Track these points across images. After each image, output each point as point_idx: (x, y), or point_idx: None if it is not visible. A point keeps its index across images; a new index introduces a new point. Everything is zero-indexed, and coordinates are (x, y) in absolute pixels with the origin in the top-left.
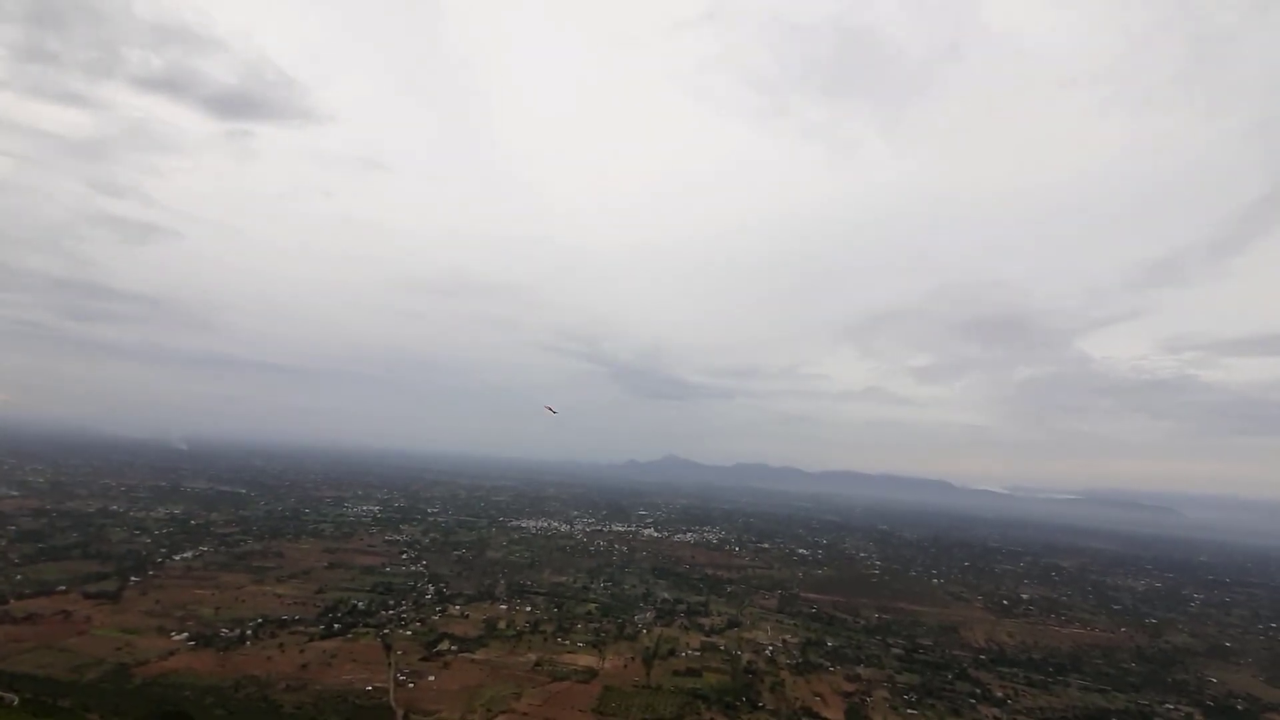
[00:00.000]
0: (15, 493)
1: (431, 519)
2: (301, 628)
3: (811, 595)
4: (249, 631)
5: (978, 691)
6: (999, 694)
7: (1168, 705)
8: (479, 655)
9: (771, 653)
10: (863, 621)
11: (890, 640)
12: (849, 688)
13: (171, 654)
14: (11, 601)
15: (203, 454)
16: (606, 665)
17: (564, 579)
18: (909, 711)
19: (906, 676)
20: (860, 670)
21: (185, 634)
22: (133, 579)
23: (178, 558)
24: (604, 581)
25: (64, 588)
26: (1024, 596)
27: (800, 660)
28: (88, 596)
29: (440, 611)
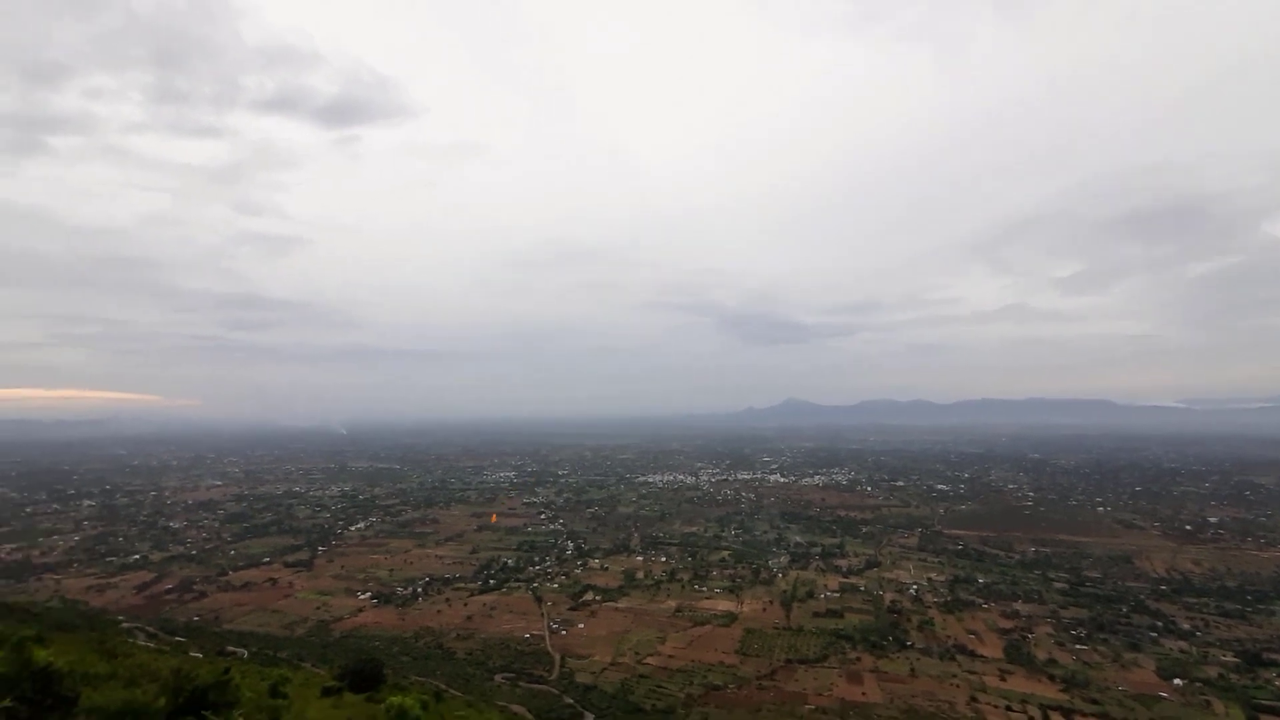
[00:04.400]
0: (219, 482)
1: (563, 480)
2: (462, 584)
3: (956, 531)
4: (419, 589)
5: (1159, 624)
6: (1185, 626)
7: None
8: (622, 604)
9: (916, 591)
10: (1017, 556)
11: (1051, 574)
12: (1007, 624)
13: (360, 611)
14: (230, 573)
15: (361, 436)
16: (745, 609)
17: (695, 529)
18: (1078, 647)
19: (1073, 611)
20: (1018, 606)
21: (369, 594)
22: (320, 549)
23: (353, 528)
24: (734, 529)
25: (268, 559)
26: (1211, 520)
27: (949, 598)
28: (287, 566)
29: (581, 565)
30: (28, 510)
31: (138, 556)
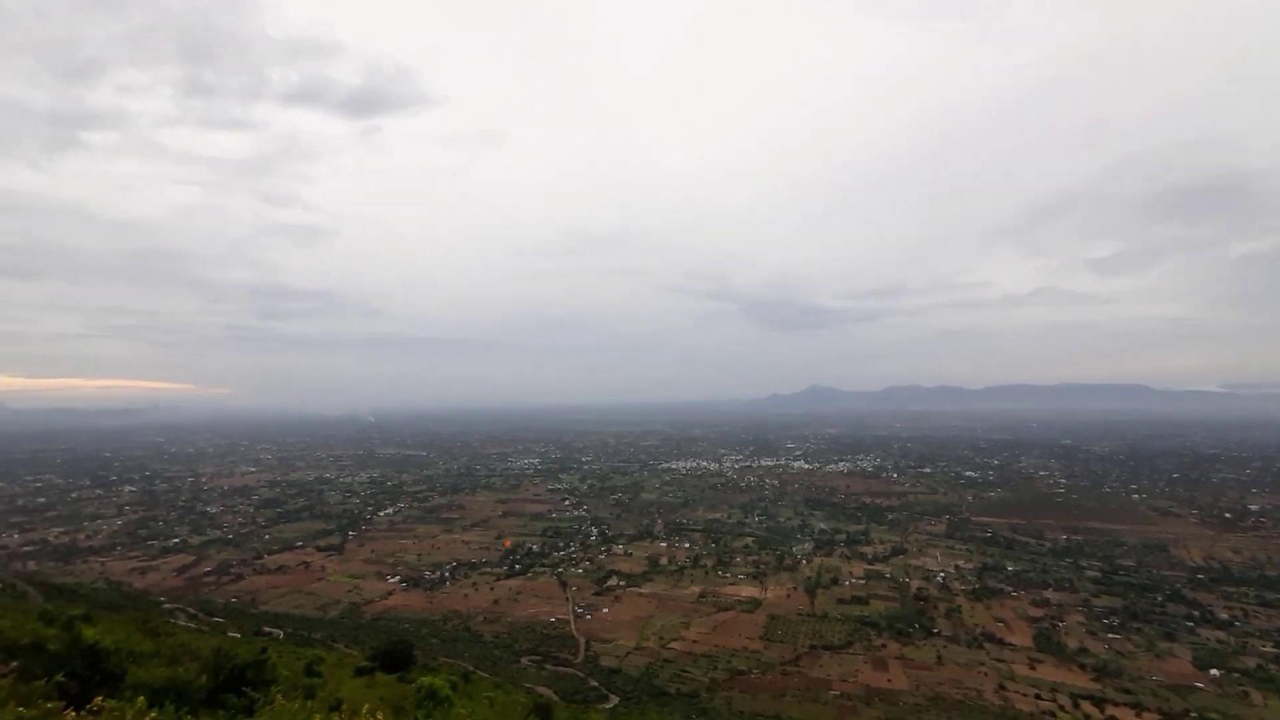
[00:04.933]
0: (253, 468)
1: (587, 467)
2: (488, 569)
3: (985, 519)
4: (447, 574)
5: (1195, 614)
6: (1223, 615)
7: None
8: (646, 589)
9: (944, 579)
10: (1048, 544)
11: (1083, 562)
12: (1036, 612)
13: (390, 594)
14: (265, 557)
15: (388, 424)
16: (769, 595)
17: (718, 515)
18: (1110, 636)
19: (1105, 600)
20: (1049, 594)
21: (398, 577)
22: (350, 533)
23: (382, 514)
24: (758, 516)
25: (301, 543)
26: (1252, 508)
27: (977, 585)
28: (320, 550)
29: (605, 551)
30: (73, 496)
31: (177, 540)
